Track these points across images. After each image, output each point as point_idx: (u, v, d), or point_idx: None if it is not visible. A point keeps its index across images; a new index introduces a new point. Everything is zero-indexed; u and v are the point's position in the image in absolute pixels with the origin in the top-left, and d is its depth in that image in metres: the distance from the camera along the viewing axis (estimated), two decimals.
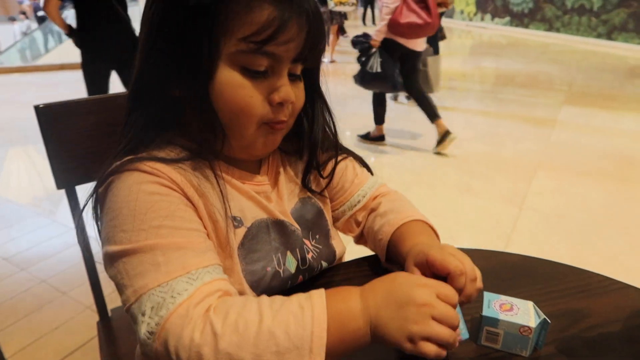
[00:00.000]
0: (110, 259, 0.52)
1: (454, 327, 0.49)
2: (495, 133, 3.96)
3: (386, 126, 3.75)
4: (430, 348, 0.47)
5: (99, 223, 0.59)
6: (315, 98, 0.69)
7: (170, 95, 0.58)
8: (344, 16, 7.59)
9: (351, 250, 0.84)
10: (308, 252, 0.70)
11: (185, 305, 0.48)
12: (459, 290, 0.55)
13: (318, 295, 0.50)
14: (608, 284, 0.72)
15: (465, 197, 2.80)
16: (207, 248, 0.55)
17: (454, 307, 0.50)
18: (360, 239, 0.81)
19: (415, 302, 0.48)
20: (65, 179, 0.92)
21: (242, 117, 0.58)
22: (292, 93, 0.60)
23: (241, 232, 0.62)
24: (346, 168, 0.78)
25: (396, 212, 0.74)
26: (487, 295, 0.61)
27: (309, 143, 0.70)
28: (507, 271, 0.75)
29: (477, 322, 0.60)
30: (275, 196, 0.69)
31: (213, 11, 0.53)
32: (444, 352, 0.48)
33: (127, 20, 2.97)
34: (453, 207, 2.67)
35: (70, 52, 3.70)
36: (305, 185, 0.73)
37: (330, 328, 0.47)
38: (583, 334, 0.61)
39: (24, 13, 10.75)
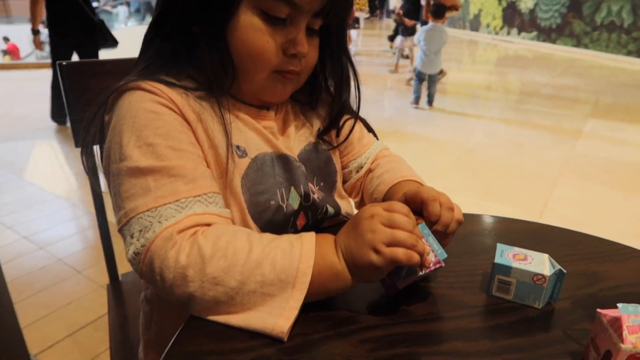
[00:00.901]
0: (109, 175, 0.54)
1: (408, 230, 0.49)
2: (517, 142, 3.90)
3: (406, 129, 3.73)
4: (398, 251, 0.48)
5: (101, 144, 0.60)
6: (342, 58, 0.69)
7: (189, 31, 0.59)
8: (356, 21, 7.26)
9: None
10: (313, 192, 0.69)
11: (170, 230, 0.48)
12: (435, 219, 0.57)
13: (309, 236, 0.51)
14: (628, 252, 0.69)
15: (484, 202, 2.75)
16: (202, 175, 0.54)
17: (405, 215, 0.51)
18: (360, 204, 0.81)
19: (363, 217, 0.51)
20: None
21: (256, 61, 0.59)
22: (307, 46, 0.60)
23: (245, 162, 0.62)
24: (355, 127, 0.78)
25: (391, 172, 0.74)
26: (500, 247, 0.59)
27: (337, 104, 0.71)
28: (523, 236, 0.73)
29: (489, 273, 0.58)
30: (281, 133, 0.69)
31: None
32: (415, 255, 0.48)
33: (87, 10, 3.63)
34: (471, 211, 2.62)
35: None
36: (319, 137, 0.73)
37: (315, 269, 0.48)
38: (600, 293, 0.59)
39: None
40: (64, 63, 0.90)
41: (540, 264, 0.56)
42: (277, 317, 0.47)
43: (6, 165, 3.17)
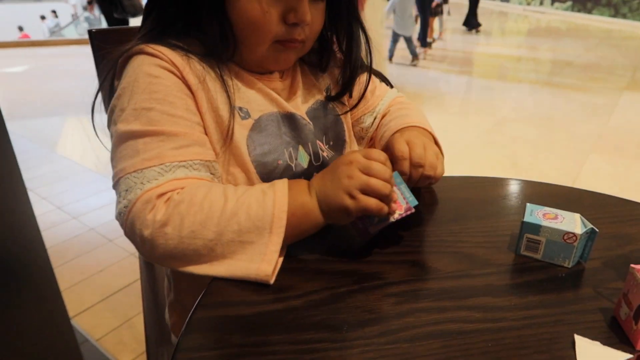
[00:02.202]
0: (111, 136, 0.56)
1: (384, 179, 0.51)
2: (548, 115, 3.78)
3: (429, 100, 3.66)
4: (371, 201, 0.50)
5: None
6: (352, 22, 0.67)
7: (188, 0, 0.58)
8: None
9: None
10: (322, 151, 0.69)
11: (150, 193, 0.50)
12: (404, 174, 0.59)
13: (281, 183, 0.52)
14: None
15: (510, 174, 2.70)
16: (193, 142, 0.55)
17: (382, 163, 0.52)
18: None
19: (342, 162, 0.52)
20: None
21: (255, 32, 0.58)
22: (309, 14, 0.58)
23: (248, 123, 0.62)
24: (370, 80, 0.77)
25: (399, 119, 0.73)
26: (529, 206, 0.58)
27: (349, 67, 0.69)
28: (553, 199, 0.72)
29: (517, 234, 0.57)
30: (287, 93, 0.68)
31: None
32: (385, 207, 0.51)
33: None
34: None
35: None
36: (331, 100, 0.72)
37: (289, 211, 0.50)
38: (633, 254, 0.57)
39: (54, 11, 11.09)
40: (94, 30, 0.91)
41: (572, 222, 0.54)
42: (259, 262, 0.49)
43: (40, 140, 3.27)
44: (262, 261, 0.49)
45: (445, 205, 0.69)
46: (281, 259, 0.51)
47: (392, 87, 0.82)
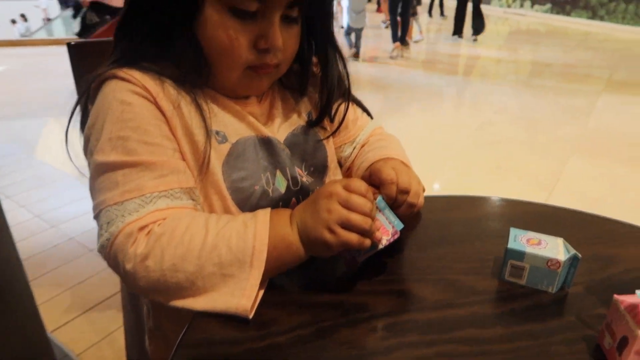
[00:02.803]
0: (89, 165, 0.55)
1: (364, 213, 0.50)
2: (529, 118, 3.84)
3: (416, 103, 3.68)
4: (351, 236, 0.49)
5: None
6: (327, 45, 0.66)
7: (159, 22, 0.56)
8: None
9: None
10: (301, 176, 0.67)
11: (132, 226, 0.49)
12: (391, 198, 0.59)
13: (263, 214, 0.52)
14: None
15: (494, 177, 2.73)
16: (172, 170, 0.54)
17: (363, 196, 0.51)
18: None
19: (323, 195, 0.51)
20: None
21: (226, 58, 0.56)
22: (280, 39, 0.57)
23: (225, 148, 0.60)
24: (349, 108, 0.75)
25: (377, 150, 0.73)
26: (513, 231, 0.58)
27: (325, 90, 0.68)
28: (536, 219, 0.72)
29: (501, 259, 0.57)
30: (265, 117, 0.67)
31: None
32: (367, 241, 0.50)
33: None
34: (482, 189, 2.61)
35: None
36: (312, 125, 0.71)
37: (270, 244, 0.49)
38: (614, 277, 0.58)
39: (23, 15, 10.76)
40: (73, 43, 0.89)
41: (555, 248, 0.55)
42: (240, 297, 0.48)
43: (18, 143, 3.19)
44: (242, 296, 0.48)
45: (429, 228, 0.69)
46: (262, 292, 0.50)
47: (372, 117, 0.82)
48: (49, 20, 11.29)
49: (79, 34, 3.43)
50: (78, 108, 0.60)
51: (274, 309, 0.51)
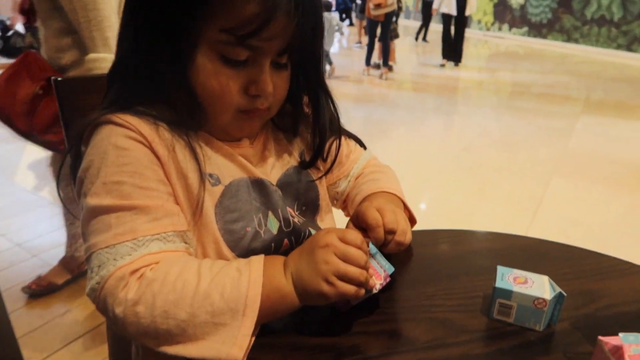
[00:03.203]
0: (81, 208, 0.55)
1: (360, 266, 0.51)
2: (510, 140, 3.92)
3: (397, 127, 3.73)
4: (348, 287, 0.50)
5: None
6: (317, 90, 0.67)
7: (153, 68, 0.57)
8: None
9: None
10: (293, 217, 0.68)
11: (124, 270, 0.49)
12: (379, 241, 0.61)
13: (257, 261, 0.52)
14: (625, 267, 0.70)
15: (478, 201, 2.77)
16: (167, 212, 0.55)
17: (358, 248, 0.52)
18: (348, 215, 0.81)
19: (319, 245, 0.52)
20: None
21: (217, 103, 0.58)
22: (271, 85, 0.58)
23: (218, 190, 0.61)
24: (342, 144, 0.76)
25: (371, 182, 0.75)
26: (500, 269, 0.60)
27: (317, 130, 0.69)
28: (521, 253, 0.74)
29: (490, 296, 0.58)
30: (257, 159, 0.68)
31: None
32: (362, 291, 0.52)
33: None
34: (466, 212, 2.64)
35: None
36: (304, 167, 0.72)
37: (263, 294, 0.50)
38: (599, 313, 0.60)
39: None
40: (59, 79, 0.89)
41: (541, 287, 0.56)
42: (231, 346, 0.48)
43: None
44: (234, 345, 0.48)
45: (417, 264, 0.70)
46: (253, 339, 0.50)
47: (365, 148, 0.83)
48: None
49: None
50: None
51: (269, 352, 0.51)
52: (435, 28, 7.66)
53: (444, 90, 5.92)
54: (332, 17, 6.49)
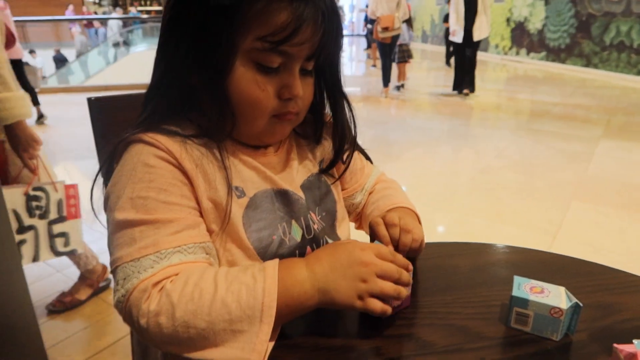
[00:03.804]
0: (107, 222, 0.58)
1: (394, 280, 0.55)
2: (529, 163, 3.89)
3: (415, 148, 3.74)
4: (377, 304, 0.54)
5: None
6: (337, 96, 0.72)
7: (188, 83, 0.62)
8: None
9: None
10: (314, 223, 0.72)
11: (147, 282, 0.53)
12: (396, 243, 0.66)
13: (271, 267, 0.55)
14: None
15: (497, 224, 2.75)
16: (188, 225, 0.58)
17: (392, 262, 0.56)
18: (360, 227, 0.87)
19: (361, 262, 0.55)
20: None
21: (254, 109, 0.62)
22: (300, 88, 0.63)
23: (244, 201, 0.65)
24: (355, 157, 0.82)
25: (385, 198, 0.80)
26: (517, 279, 0.61)
27: (337, 136, 0.74)
28: (539, 267, 0.75)
29: (507, 305, 0.59)
30: (281, 166, 0.72)
31: (232, 11, 0.57)
32: (389, 309, 0.55)
33: None
34: (484, 235, 2.63)
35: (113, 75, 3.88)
36: (323, 172, 0.76)
37: (279, 297, 0.52)
38: (616, 326, 0.60)
39: (33, 52, 10.73)
40: (93, 98, 0.95)
41: (557, 297, 0.57)
42: (250, 352, 0.50)
43: None
44: (253, 351, 0.50)
45: (436, 274, 0.72)
46: (272, 344, 0.53)
47: (372, 162, 0.89)
48: None
49: None
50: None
51: (289, 353, 0.53)
52: None
53: (460, 113, 5.94)
54: None
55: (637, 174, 3.63)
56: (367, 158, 0.87)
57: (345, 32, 0.71)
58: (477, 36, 6.35)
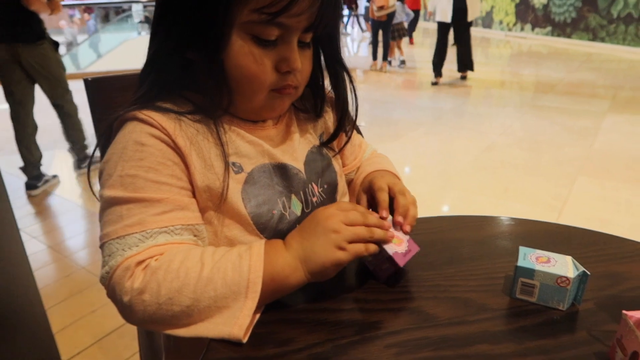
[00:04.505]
0: (99, 198, 0.58)
1: (362, 223, 0.57)
2: (534, 140, 3.85)
3: (419, 127, 3.71)
4: (359, 247, 0.55)
5: None
6: (337, 68, 0.70)
7: (184, 57, 0.60)
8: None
9: None
10: (313, 196, 0.71)
11: (130, 260, 0.52)
12: (385, 205, 0.65)
13: (257, 245, 0.55)
14: None
15: (503, 201, 2.73)
16: (176, 206, 0.57)
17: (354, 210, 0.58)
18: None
19: (322, 219, 0.56)
20: None
21: (253, 83, 0.60)
22: (299, 61, 0.61)
23: (242, 177, 0.63)
24: (354, 134, 0.82)
25: (370, 165, 0.80)
26: (522, 249, 0.60)
27: (339, 108, 0.73)
28: (545, 237, 0.73)
29: (512, 277, 0.58)
30: (281, 138, 0.70)
31: None
32: (372, 246, 0.57)
33: None
34: (490, 212, 2.61)
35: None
36: (324, 144, 0.75)
37: (265, 272, 0.52)
38: (624, 294, 0.59)
39: None
40: (90, 79, 0.93)
41: (564, 266, 0.56)
42: (232, 326, 0.50)
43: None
44: (234, 325, 0.50)
45: (439, 247, 0.70)
46: (257, 315, 0.53)
47: (362, 136, 0.89)
48: None
49: None
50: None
51: (290, 328, 0.52)
52: (473, 32, 7.05)
53: (465, 90, 5.87)
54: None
55: None
56: (360, 133, 0.88)
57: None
58: (471, 15, 5.71)
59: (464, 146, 3.69)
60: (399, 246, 0.59)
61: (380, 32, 6.94)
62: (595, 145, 3.66)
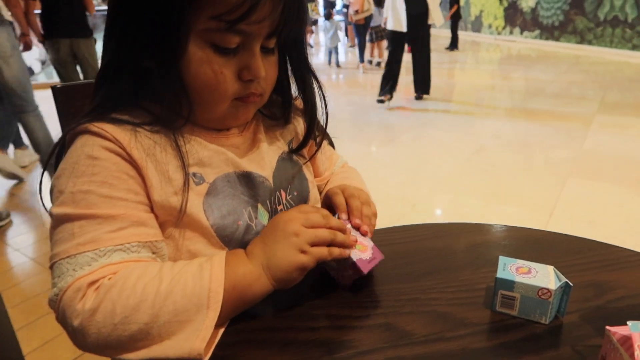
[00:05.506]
0: (50, 215, 0.54)
1: (323, 226, 0.56)
2: (524, 142, 3.85)
3: (409, 131, 3.70)
4: (321, 250, 0.54)
5: None
6: (304, 73, 0.67)
7: (140, 66, 0.57)
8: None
9: None
10: (279, 204, 0.67)
11: (82, 281, 0.48)
12: (342, 208, 0.65)
13: (219, 255, 0.53)
14: (636, 258, 0.66)
15: (493, 204, 2.71)
16: (132, 222, 0.53)
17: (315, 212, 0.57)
18: None
19: (282, 223, 0.55)
20: None
21: (213, 93, 0.57)
22: (263, 69, 0.58)
23: (203, 188, 0.60)
24: (324, 144, 0.80)
25: (337, 180, 0.79)
26: (502, 259, 0.57)
27: (308, 114, 0.70)
28: (528, 244, 0.71)
29: (492, 288, 0.55)
30: (247, 146, 0.67)
31: None
32: (335, 249, 0.55)
33: None
34: (481, 215, 2.59)
35: None
36: (293, 152, 0.72)
37: (226, 280, 0.50)
38: (610, 305, 0.56)
39: None
40: (58, 87, 0.90)
41: (545, 277, 0.53)
42: (194, 340, 0.47)
43: (8, 186, 3.19)
44: (197, 338, 0.47)
45: (418, 257, 0.68)
46: (221, 331, 0.50)
47: (333, 146, 0.87)
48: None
49: None
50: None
51: (255, 349, 0.49)
52: (463, 37, 7.25)
53: (455, 94, 5.88)
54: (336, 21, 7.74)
55: (634, 148, 3.59)
56: (331, 143, 0.85)
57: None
58: (431, 19, 4.76)
59: (454, 149, 3.67)
60: (364, 253, 0.58)
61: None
62: (585, 147, 3.66)
